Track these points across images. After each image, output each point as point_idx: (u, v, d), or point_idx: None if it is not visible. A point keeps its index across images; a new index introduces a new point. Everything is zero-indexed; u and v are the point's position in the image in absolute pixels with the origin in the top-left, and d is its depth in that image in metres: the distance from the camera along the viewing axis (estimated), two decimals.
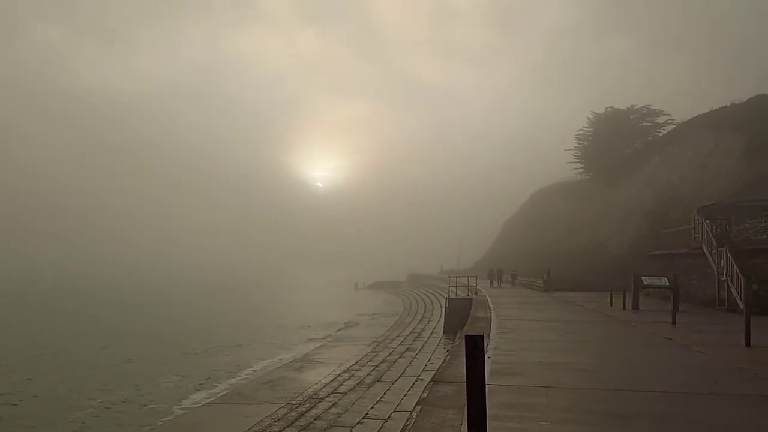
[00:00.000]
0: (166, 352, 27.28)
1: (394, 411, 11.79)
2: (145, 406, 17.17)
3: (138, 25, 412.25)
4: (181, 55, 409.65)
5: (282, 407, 13.05)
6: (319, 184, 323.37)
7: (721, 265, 23.16)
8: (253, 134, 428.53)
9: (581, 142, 65.88)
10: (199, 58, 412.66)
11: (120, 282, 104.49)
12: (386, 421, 11.05)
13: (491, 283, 45.80)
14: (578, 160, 67.29)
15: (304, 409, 12.59)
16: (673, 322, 17.20)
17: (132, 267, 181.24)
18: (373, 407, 12.38)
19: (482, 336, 4.25)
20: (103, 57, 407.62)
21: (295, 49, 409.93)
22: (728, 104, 46.90)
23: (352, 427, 10.88)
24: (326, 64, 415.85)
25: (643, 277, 23.00)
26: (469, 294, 33.17)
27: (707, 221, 25.91)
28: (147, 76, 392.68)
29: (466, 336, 4.29)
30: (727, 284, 22.42)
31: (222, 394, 17.82)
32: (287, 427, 11.25)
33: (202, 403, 16.71)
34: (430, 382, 9.40)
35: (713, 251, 24.28)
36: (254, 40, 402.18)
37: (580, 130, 65.81)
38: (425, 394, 8.30)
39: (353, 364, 19.08)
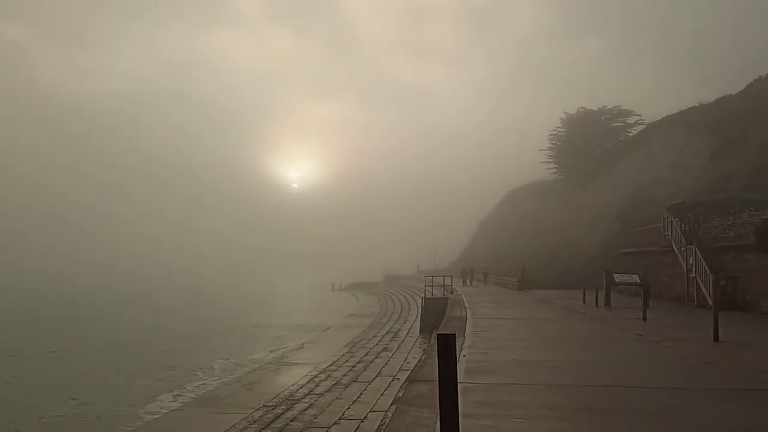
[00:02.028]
0: (142, 355, 26.92)
1: (370, 411, 11.81)
2: (118, 410, 16.88)
3: (108, 26, 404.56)
4: (154, 57, 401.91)
5: (258, 409, 12.96)
6: (295, 185, 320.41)
7: (690, 262, 23.64)
8: (229, 134, 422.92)
9: (554, 142, 66.74)
10: (174, 60, 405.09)
11: (96, 285, 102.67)
12: (362, 421, 11.07)
13: (464, 282, 46.59)
14: (552, 160, 68.13)
15: (280, 411, 12.53)
16: (644, 319, 17.49)
17: (111, 268, 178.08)
18: (349, 408, 12.39)
19: (454, 334, 4.28)
20: (75, 58, 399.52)
21: (268, 49, 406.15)
22: (696, 105, 47.95)
23: (329, 428, 10.87)
24: (300, 65, 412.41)
25: (614, 275, 23.38)
26: (445, 293, 33.32)
27: (676, 219, 26.43)
28: (121, 77, 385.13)
29: (438, 335, 4.33)
30: (696, 281, 22.88)
31: (198, 396, 17.66)
32: (263, 429, 11.19)
33: (178, 406, 16.55)
34: (405, 381, 9.42)
35: (682, 249, 24.76)
36: (227, 41, 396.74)
37: (554, 130, 66.67)
38: (400, 394, 8.31)
39: (330, 365, 19.04)
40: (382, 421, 7.16)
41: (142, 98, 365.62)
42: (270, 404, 13.42)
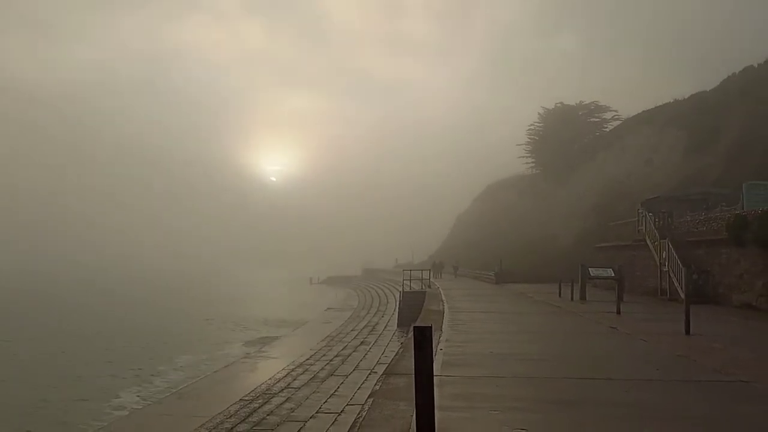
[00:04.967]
0: (120, 350, 26.66)
1: (347, 404, 11.81)
2: (86, 405, 16.71)
3: (73, 13, 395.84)
4: (121, 46, 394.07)
5: (234, 403, 12.89)
6: (273, 179, 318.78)
7: (663, 256, 24.03)
8: (202, 127, 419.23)
9: (532, 137, 67.22)
10: (141, 49, 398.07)
11: (66, 281, 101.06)
12: (339, 414, 11.07)
13: (434, 275, 47.18)
14: (529, 154, 68.63)
15: (256, 405, 12.46)
16: (618, 312, 17.74)
17: (80, 264, 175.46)
18: (326, 401, 12.37)
19: (430, 327, 4.30)
20: (38, 47, 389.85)
21: (241, 40, 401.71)
22: (671, 100, 48.65)
23: (305, 422, 10.84)
24: (273, 56, 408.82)
25: (590, 269, 23.63)
26: (423, 287, 33.44)
27: (650, 214, 26.83)
28: (87, 67, 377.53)
29: (414, 327, 4.34)
30: (669, 275, 23.28)
31: (175, 390, 17.51)
32: (239, 423, 11.13)
33: (154, 400, 16.40)
34: (382, 374, 9.45)
35: (656, 243, 25.16)
36: (199, 32, 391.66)
37: (531, 125, 67.16)
38: (377, 387, 8.34)
39: (307, 359, 18.99)
40: (359, 414, 7.18)
41: (110, 88, 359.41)
42: (247, 398, 13.34)
